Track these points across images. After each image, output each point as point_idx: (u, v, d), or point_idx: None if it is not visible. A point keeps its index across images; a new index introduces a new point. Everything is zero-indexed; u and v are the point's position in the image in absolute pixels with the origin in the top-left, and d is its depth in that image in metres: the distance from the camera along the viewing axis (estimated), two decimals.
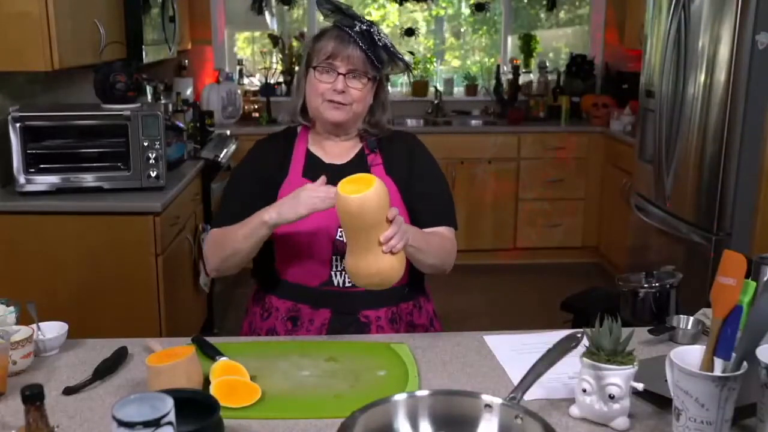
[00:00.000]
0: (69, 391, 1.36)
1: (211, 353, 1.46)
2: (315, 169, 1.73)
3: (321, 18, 2.05)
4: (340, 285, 1.70)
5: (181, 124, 3.73)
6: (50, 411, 1.08)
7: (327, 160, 1.77)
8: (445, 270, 1.74)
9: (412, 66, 1.75)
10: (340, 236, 1.67)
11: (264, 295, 1.77)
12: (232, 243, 1.65)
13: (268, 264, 1.76)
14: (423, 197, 1.75)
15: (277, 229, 1.63)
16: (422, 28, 5.61)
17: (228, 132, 4.57)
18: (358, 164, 1.75)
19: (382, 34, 1.68)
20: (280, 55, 5.37)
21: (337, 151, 1.78)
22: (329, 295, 1.69)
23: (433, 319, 1.84)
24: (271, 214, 1.58)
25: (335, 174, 1.66)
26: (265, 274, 1.77)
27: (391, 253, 1.46)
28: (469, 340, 1.61)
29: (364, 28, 1.66)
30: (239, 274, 1.81)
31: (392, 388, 1.33)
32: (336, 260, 1.69)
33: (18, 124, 2.77)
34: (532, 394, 1.28)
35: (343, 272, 1.69)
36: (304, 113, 1.78)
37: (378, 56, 1.67)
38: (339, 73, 1.67)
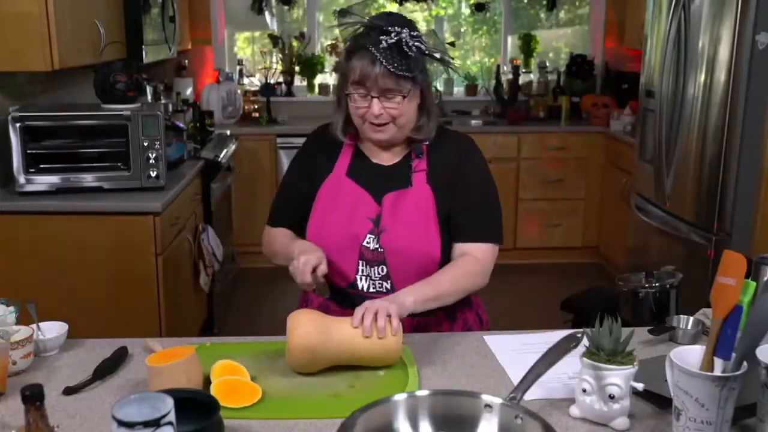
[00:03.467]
0: (69, 391, 1.36)
1: None
2: (360, 168, 1.73)
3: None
4: (365, 290, 1.69)
5: (181, 124, 3.73)
6: (50, 411, 1.08)
7: (374, 159, 1.75)
8: (475, 290, 1.72)
9: (452, 62, 1.68)
10: (367, 242, 1.67)
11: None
12: (275, 255, 1.75)
13: None
14: (463, 210, 1.68)
15: (309, 229, 1.70)
16: (422, 29, 5.59)
17: (228, 132, 4.57)
18: (403, 168, 1.72)
19: (414, 41, 1.59)
20: (280, 55, 5.37)
21: (385, 153, 1.75)
22: (355, 298, 1.66)
23: (470, 329, 1.78)
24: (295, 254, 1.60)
25: (380, 175, 1.72)
26: None
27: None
28: (469, 340, 1.61)
29: (392, 41, 1.57)
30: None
31: (392, 388, 1.33)
32: (362, 265, 1.68)
33: (18, 124, 2.77)
34: (532, 394, 1.28)
35: (368, 277, 1.68)
36: (348, 127, 1.73)
37: (411, 67, 1.59)
38: (372, 97, 1.61)
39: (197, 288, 3.52)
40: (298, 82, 5.46)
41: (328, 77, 5.52)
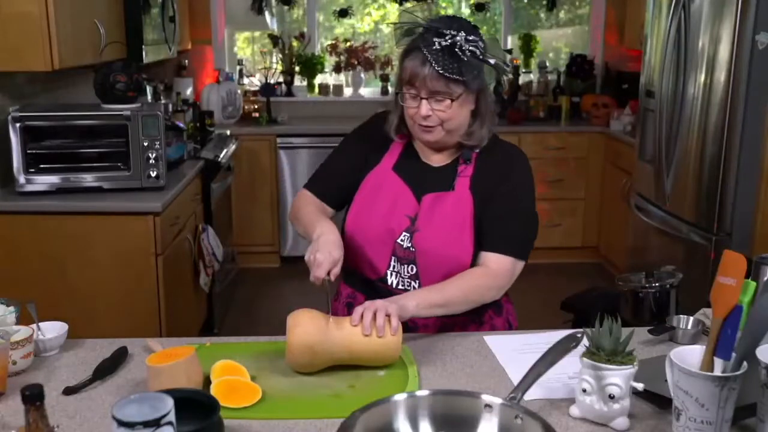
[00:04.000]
0: (69, 391, 1.35)
1: None
2: (407, 165, 1.73)
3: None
4: (393, 285, 1.69)
5: (181, 124, 3.73)
6: (50, 411, 1.08)
7: (423, 159, 1.74)
8: (486, 303, 1.68)
9: (509, 68, 1.65)
10: (401, 240, 1.67)
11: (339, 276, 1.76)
12: (297, 221, 1.74)
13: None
14: (494, 219, 1.65)
15: (348, 217, 1.72)
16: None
17: (228, 132, 4.57)
18: (449, 171, 1.71)
19: (469, 45, 1.56)
20: (280, 55, 5.37)
21: (435, 154, 1.73)
22: (383, 292, 1.66)
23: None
24: (315, 235, 1.59)
25: (425, 174, 1.71)
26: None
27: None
28: (469, 340, 1.61)
29: (446, 43, 1.55)
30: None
31: (392, 388, 1.33)
32: (394, 261, 1.68)
33: (18, 124, 2.77)
34: (532, 394, 1.28)
35: (398, 274, 1.68)
36: (401, 127, 1.72)
37: (463, 71, 1.56)
38: (421, 98, 1.60)
39: (197, 288, 3.52)
40: (298, 82, 5.46)
41: (328, 77, 5.52)
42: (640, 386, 1.21)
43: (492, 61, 1.61)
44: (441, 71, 1.55)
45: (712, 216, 3.14)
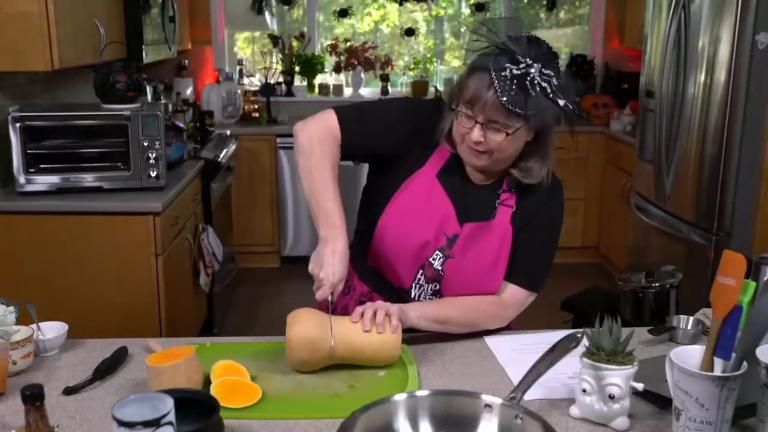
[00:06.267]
0: (69, 391, 1.35)
1: None
2: (452, 176, 1.61)
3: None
4: (414, 298, 1.64)
5: (181, 124, 3.73)
6: (50, 411, 1.08)
7: (468, 172, 1.62)
8: (488, 329, 1.63)
9: (576, 114, 1.52)
10: (432, 258, 1.60)
11: (351, 270, 1.67)
12: (307, 175, 1.55)
13: (363, 245, 1.68)
14: (519, 249, 1.61)
15: (384, 217, 1.59)
16: (422, 28, 5.61)
17: (228, 132, 4.57)
18: (491, 194, 1.62)
19: (542, 78, 1.43)
20: (280, 55, 5.37)
21: (479, 173, 1.63)
22: (402, 300, 1.60)
23: None
24: (321, 238, 1.49)
25: (468, 192, 1.61)
26: (359, 252, 1.69)
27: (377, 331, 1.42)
28: (469, 340, 1.61)
29: (518, 72, 1.42)
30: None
31: (392, 388, 1.34)
32: (420, 275, 1.62)
33: (18, 124, 2.77)
34: (532, 394, 1.28)
35: (421, 287, 1.63)
36: (451, 134, 1.59)
37: (528, 105, 1.43)
38: (477, 122, 1.48)
39: (197, 288, 3.52)
40: (298, 82, 5.46)
41: (328, 77, 5.52)
42: (640, 386, 1.21)
43: (561, 103, 1.47)
44: (505, 101, 1.42)
45: (712, 216, 3.14)
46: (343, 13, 5.40)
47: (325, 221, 1.50)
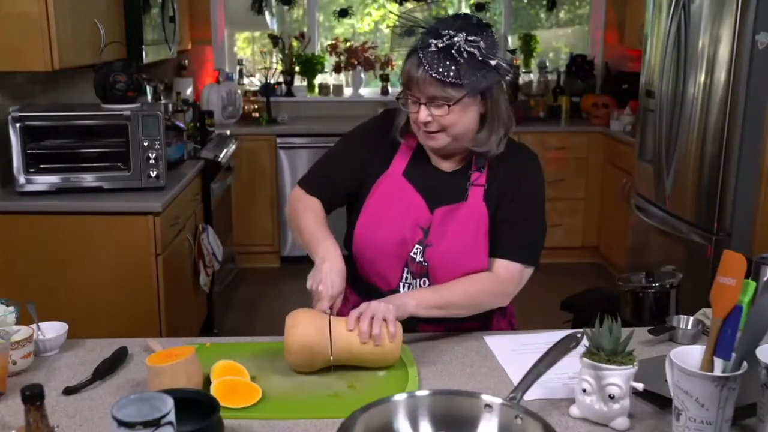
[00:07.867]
0: (69, 391, 1.35)
1: None
2: (418, 170, 1.65)
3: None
4: None
5: (181, 124, 3.73)
6: (50, 411, 1.08)
7: (434, 162, 1.66)
8: (491, 308, 1.66)
9: (512, 70, 1.52)
10: (414, 253, 1.61)
11: (346, 284, 1.66)
12: (298, 232, 1.65)
13: (351, 260, 1.69)
14: (502, 225, 1.61)
15: (359, 227, 1.63)
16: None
17: (228, 132, 4.57)
18: (461, 178, 1.64)
19: (469, 46, 1.46)
20: (280, 55, 5.37)
21: (445, 160, 1.66)
22: None
23: None
24: (318, 259, 1.54)
25: (437, 180, 1.64)
26: (349, 267, 1.67)
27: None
28: (469, 340, 1.61)
29: (442, 45, 1.46)
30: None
31: (392, 388, 1.34)
32: (406, 273, 1.63)
33: (18, 124, 2.77)
34: (532, 394, 1.29)
35: (411, 286, 1.64)
36: (407, 128, 1.63)
37: (461, 74, 1.46)
38: (420, 103, 1.52)
39: (197, 288, 3.52)
40: (298, 82, 5.46)
41: (328, 77, 5.52)
42: (640, 386, 1.21)
43: (492, 62, 1.48)
44: (434, 75, 1.46)
45: (712, 216, 3.14)
46: (343, 13, 5.40)
47: (317, 247, 1.56)
